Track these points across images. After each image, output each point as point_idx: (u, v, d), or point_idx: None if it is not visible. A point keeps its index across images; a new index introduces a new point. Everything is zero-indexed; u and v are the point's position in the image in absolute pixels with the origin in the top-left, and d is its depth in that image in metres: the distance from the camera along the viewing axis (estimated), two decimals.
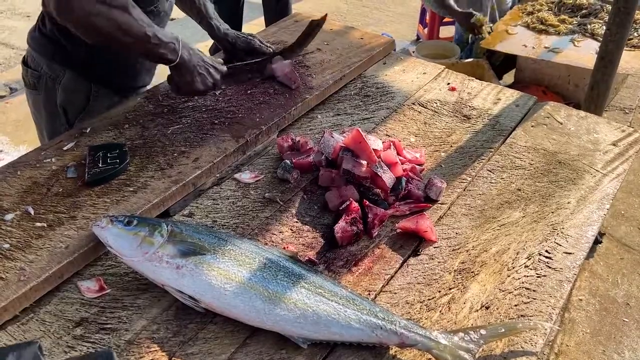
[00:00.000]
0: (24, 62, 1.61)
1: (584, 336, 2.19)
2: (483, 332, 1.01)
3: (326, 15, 1.84)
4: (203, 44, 1.81)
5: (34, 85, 1.60)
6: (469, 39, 3.67)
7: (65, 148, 1.43)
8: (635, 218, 2.75)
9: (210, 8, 1.79)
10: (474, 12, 3.28)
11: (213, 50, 3.39)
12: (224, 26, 1.80)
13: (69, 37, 1.48)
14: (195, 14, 1.78)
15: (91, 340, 1.02)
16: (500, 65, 3.74)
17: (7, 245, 1.15)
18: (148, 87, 1.72)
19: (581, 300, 2.35)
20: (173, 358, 0.99)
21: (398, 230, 1.26)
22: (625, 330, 2.22)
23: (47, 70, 1.55)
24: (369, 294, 1.12)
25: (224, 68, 1.53)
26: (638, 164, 3.03)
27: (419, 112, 1.69)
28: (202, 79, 1.44)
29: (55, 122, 1.62)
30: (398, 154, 1.41)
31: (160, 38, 1.33)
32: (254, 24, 4.52)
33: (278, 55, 1.77)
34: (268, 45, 1.85)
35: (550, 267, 1.19)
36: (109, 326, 1.04)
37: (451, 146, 1.54)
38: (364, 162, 1.31)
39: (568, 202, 1.36)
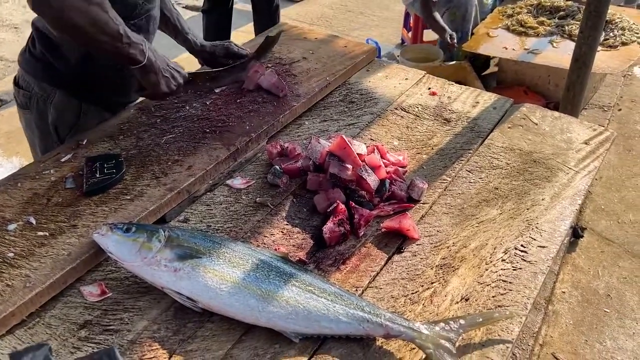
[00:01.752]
0: (16, 82, 1.65)
1: (567, 327, 2.28)
2: (462, 322, 1.09)
3: (280, 32, 2.03)
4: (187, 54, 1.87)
5: (26, 105, 1.64)
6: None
7: (63, 160, 1.48)
8: (614, 212, 2.85)
9: (185, 24, 1.84)
10: (450, 32, 3.40)
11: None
12: (199, 39, 1.86)
13: (58, 58, 1.54)
14: (171, 31, 1.82)
15: (95, 341, 1.08)
16: (482, 65, 3.84)
17: (11, 254, 1.21)
18: (138, 101, 1.76)
19: (564, 292, 2.44)
20: (173, 355, 1.05)
21: (383, 230, 1.33)
22: (606, 321, 2.31)
23: (37, 90, 1.59)
24: (356, 290, 1.19)
25: (186, 74, 1.59)
26: (617, 160, 3.13)
27: (402, 116, 1.77)
28: (166, 81, 1.49)
29: (47, 140, 1.67)
30: (382, 157, 1.49)
31: (131, 38, 1.37)
32: (241, 31, 4.58)
33: (239, 66, 1.83)
34: (245, 49, 1.91)
35: (525, 261, 1.26)
36: (111, 327, 1.10)
37: (432, 148, 1.62)
38: (350, 166, 1.39)
39: (542, 199, 1.44)
